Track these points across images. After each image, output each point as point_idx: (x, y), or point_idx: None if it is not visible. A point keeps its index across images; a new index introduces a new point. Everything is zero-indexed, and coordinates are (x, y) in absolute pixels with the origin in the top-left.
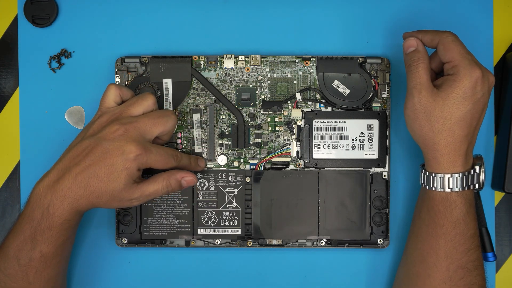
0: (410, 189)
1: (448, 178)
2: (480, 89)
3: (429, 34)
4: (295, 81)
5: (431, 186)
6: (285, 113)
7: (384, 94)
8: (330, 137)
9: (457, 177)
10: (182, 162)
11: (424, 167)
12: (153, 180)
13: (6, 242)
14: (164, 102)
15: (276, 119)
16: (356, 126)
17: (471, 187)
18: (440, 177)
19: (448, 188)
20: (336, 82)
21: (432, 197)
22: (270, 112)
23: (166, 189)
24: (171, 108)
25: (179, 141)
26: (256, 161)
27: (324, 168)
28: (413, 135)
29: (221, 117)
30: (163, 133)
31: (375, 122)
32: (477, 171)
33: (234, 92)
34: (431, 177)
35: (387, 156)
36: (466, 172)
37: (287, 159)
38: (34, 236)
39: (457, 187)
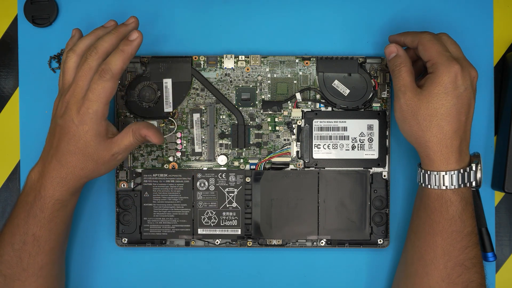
0: (410, 189)
1: (443, 175)
2: (461, 83)
3: (409, 35)
4: (295, 81)
5: (427, 184)
6: (285, 113)
7: (384, 94)
8: (330, 137)
9: (452, 175)
10: (114, 68)
11: (420, 165)
12: (125, 133)
13: (2, 230)
14: (164, 102)
15: (276, 119)
16: (356, 126)
17: (468, 184)
18: (435, 175)
19: (444, 185)
20: (336, 82)
21: (428, 195)
22: (270, 112)
23: (138, 142)
24: (171, 109)
25: (179, 141)
26: (256, 161)
27: (324, 168)
28: (406, 136)
29: (221, 117)
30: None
31: (375, 122)
32: (474, 168)
33: (234, 92)
34: (427, 175)
35: (387, 156)
36: (462, 170)
37: (287, 159)
38: (27, 219)
39: (452, 185)
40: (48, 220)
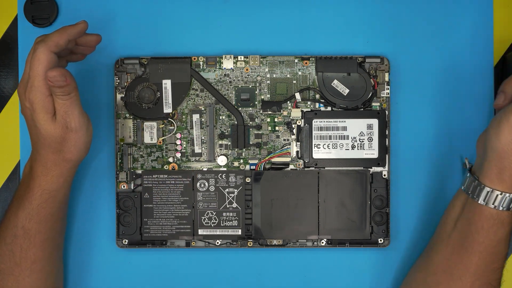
0: (410, 188)
1: (508, 197)
2: None
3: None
4: (294, 81)
5: (483, 200)
6: (285, 113)
7: (384, 94)
8: (330, 137)
9: None
10: (50, 41)
11: (475, 176)
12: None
13: None
14: (164, 103)
15: (276, 119)
16: (356, 126)
17: None
18: (498, 195)
19: (502, 207)
20: (335, 81)
21: (479, 212)
22: (270, 112)
23: (54, 86)
24: (171, 110)
25: (178, 142)
26: (256, 161)
27: (324, 168)
28: (493, 144)
29: (220, 117)
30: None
31: (374, 122)
32: None
33: (234, 92)
34: (486, 191)
35: (387, 156)
36: None
37: (287, 159)
38: (16, 212)
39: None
40: (37, 212)
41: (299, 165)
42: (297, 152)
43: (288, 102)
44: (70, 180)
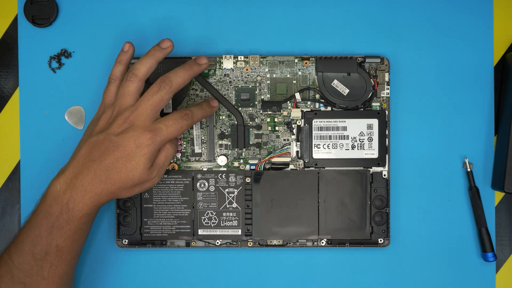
0: (410, 188)
1: None
2: None
3: None
4: (294, 81)
5: None
6: (285, 113)
7: (384, 94)
8: (330, 137)
9: None
10: (196, 117)
11: None
12: (160, 151)
13: (20, 238)
14: None
15: (276, 119)
16: (356, 126)
17: None
18: None
19: None
20: (335, 81)
21: None
22: (270, 112)
23: (174, 153)
24: (171, 110)
25: (178, 142)
26: (256, 161)
27: (324, 168)
28: None
29: (220, 117)
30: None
31: (374, 122)
32: None
33: (234, 92)
34: None
35: (387, 156)
36: None
37: (287, 159)
38: (51, 230)
39: None
40: (73, 232)
41: (299, 165)
42: (297, 152)
43: (288, 102)
44: None
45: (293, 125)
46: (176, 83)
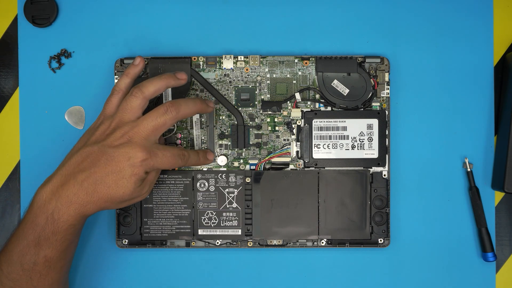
0: (410, 188)
1: None
2: None
3: None
4: (294, 81)
5: None
6: (285, 113)
7: (384, 94)
8: (330, 137)
9: None
10: (190, 161)
11: None
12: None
13: (9, 247)
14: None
15: (276, 119)
16: (356, 126)
17: None
18: None
19: None
20: (335, 81)
21: None
22: (270, 112)
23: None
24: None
25: (178, 142)
26: (256, 161)
27: (324, 168)
28: None
29: (220, 117)
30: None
31: (374, 122)
32: None
33: (234, 92)
34: None
35: (387, 155)
36: None
37: (287, 159)
38: (38, 241)
39: None
40: (61, 243)
41: (299, 165)
42: (297, 152)
43: (288, 102)
44: None
45: (293, 125)
46: (182, 112)
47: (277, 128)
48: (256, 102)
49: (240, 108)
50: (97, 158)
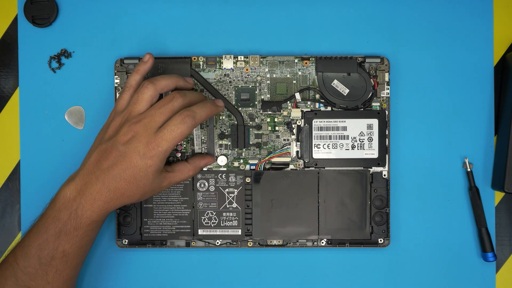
0: (410, 188)
1: None
2: None
3: None
4: (294, 81)
5: None
6: (285, 113)
7: (384, 94)
8: (330, 137)
9: None
10: (199, 117)
11: None
12: (179, 171)
13: (26, 241)
14: None
15: (276, 119)
16: (356, 126)
17: None
18: None
19: None
20: (335, 81)
21: None
22: (270, 112)
23: (192, 176)
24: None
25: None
26: (256, 161)
27: (324, 168)
28: None
29: (220, 117)
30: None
31: (374, 122)
32: None
33: (234, 92)
34: None
35: (387, 155)
36: None
37: (287, 159)
38: (58, 235)
39: None
40: (80, 238)
41: (299, 165)
42: (297, 152)
43: (288, 102)
44: None
45: (293, 125)
46: (199, 120)
47: (277, 128)
48: (256, 102)
49: (240, 108)
50: (111, 155)
